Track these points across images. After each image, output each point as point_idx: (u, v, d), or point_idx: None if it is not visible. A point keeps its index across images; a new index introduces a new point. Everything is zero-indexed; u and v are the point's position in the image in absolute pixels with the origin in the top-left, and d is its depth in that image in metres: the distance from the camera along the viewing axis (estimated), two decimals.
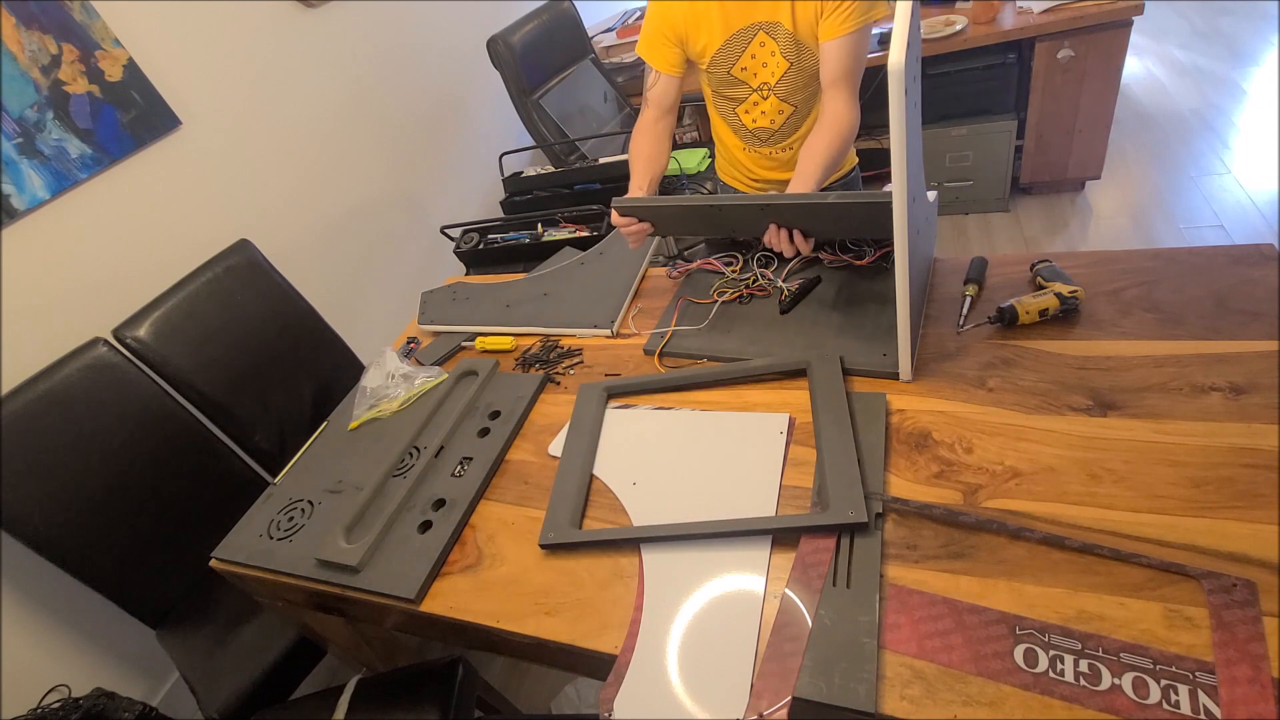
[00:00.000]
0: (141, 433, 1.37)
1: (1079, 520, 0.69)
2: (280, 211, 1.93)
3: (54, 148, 1.44)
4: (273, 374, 1.55)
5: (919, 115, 0.85)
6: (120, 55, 1.54)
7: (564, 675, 1.54)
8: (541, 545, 0.84)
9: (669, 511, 0.84)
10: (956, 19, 2.20)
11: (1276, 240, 2.01)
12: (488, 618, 0.80)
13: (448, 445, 1.04)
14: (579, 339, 1.21)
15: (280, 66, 1.91)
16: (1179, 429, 0.74)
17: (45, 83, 1.42)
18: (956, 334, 0.95)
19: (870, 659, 0.63)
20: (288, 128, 1.94)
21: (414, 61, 2.38)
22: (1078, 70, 2.09)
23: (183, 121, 1.67)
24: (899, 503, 0.75)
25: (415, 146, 2.40)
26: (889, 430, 0.85)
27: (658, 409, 0.99)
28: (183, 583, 1.42)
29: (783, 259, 1.12)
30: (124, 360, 1.37)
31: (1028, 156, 2.35)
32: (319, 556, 0.91)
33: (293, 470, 1.11)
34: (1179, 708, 0.54)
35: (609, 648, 0.73)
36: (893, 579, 0.69)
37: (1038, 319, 0.91)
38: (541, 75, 2.34)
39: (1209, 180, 2.31)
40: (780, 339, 1.02)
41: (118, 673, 1.59)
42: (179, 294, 1.46)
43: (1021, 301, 0.91)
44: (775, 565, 0.74)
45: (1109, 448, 0.75)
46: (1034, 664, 0.59)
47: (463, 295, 1.38)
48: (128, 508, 1.34)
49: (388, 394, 1.17)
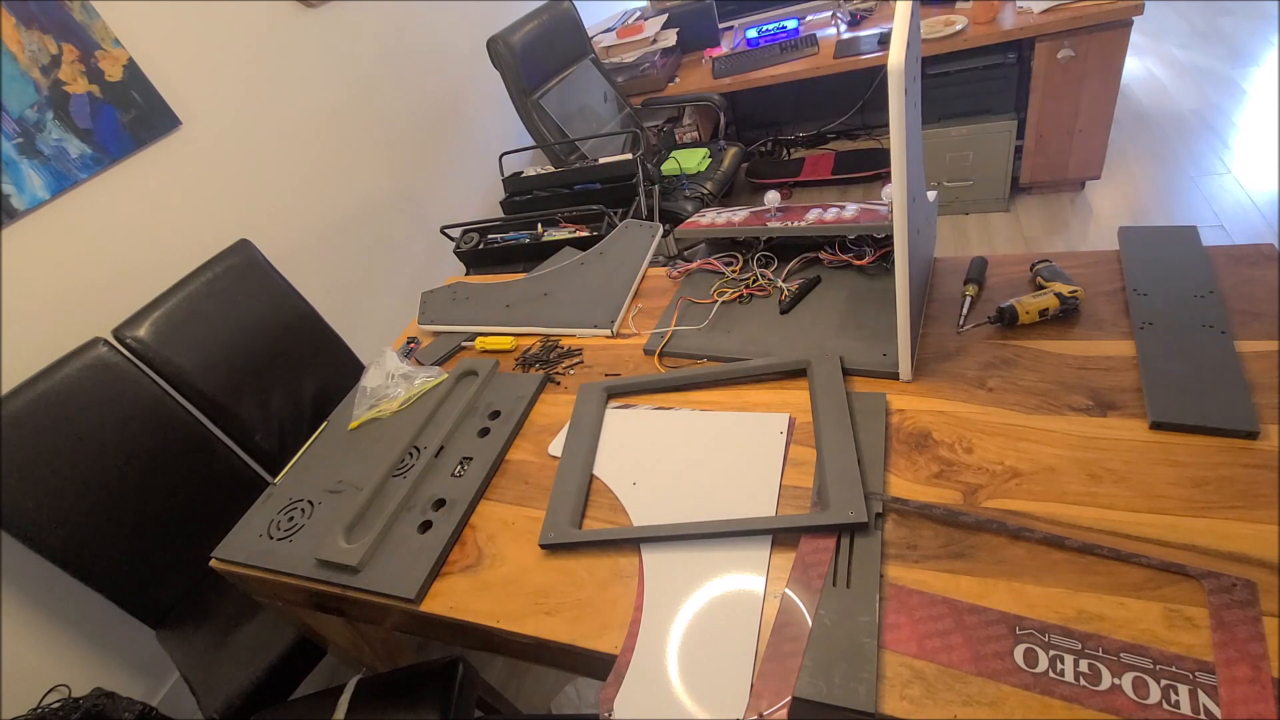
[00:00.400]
0: (141, 433, 1.37)
1: (1079, 520, 0.69)
2: (280, 211, 1.93)
3: (54, 148, 1.44)
4: (273, 374, 1.55)
5: (919, 115, 0.85)
6: (120, 55, 1.54)
7: (564, 675, 1.54)
8: (541, 545, 0.84)
9: (669, 511, 0.84)
10: (956, 19, 2.20)
11: (1276, 240, 2.01)
12: (488, 618, 0.80)
13: (448, 445, 1.04)
14: (579, 339, 1.21)
15: (280, 66, 1.91)
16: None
17: (45, 83, 1.42)
18: (957, 334, 0.95)
19: (870, 659, 0.63)
20: (288, 128, 1.94)
21: (414, 61, 2.38)
22: (1078, 70, 2.09)
23: (183, 121, 1.67)
24: (899, 503, 0.75)
25: (415, 146, 2.40)
26: (889, 430, 0.85)
27: (658, 409, 0.99)
28: (183, 583, 1.42)
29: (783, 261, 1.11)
30: (124, 360, 1.37)
31: (1028, 156, 2.35)
32: (319, 556, 0.91)
33: (293, 470, 1.11)
34: (1179, 708, 0.54)
35: (609, 648, 0.73)
36: (893, 579, 0.70)
37: (1038, 319, 0.91)
38: (541, 75, 2.34)
39: (1209, 180, 2.31)
40: (780, 339, 1.02)
41: (118, 673, 1.59)
42: (179, 294, 1.46)
43: (1021, 301, 0.91)
44: (775, 565, 0.75)
45: (1109, 448, 0.75)
46: (1034, 664, 0.59)
47: (463, 295, 1.38)
48: (128, 508, 1.34)
49: (388, 394, 1.17)
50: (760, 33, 2.76)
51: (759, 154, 3.18)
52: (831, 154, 2.97)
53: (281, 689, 1.29)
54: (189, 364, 1.43)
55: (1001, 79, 2.23)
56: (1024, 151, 2.34)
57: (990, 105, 2.29)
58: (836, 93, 2.94)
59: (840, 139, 3.08)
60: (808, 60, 2.49)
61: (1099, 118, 2.18)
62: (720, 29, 2.97)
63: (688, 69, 2.86)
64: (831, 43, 2.52)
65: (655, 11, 3.00)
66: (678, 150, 2.63)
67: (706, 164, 2.46)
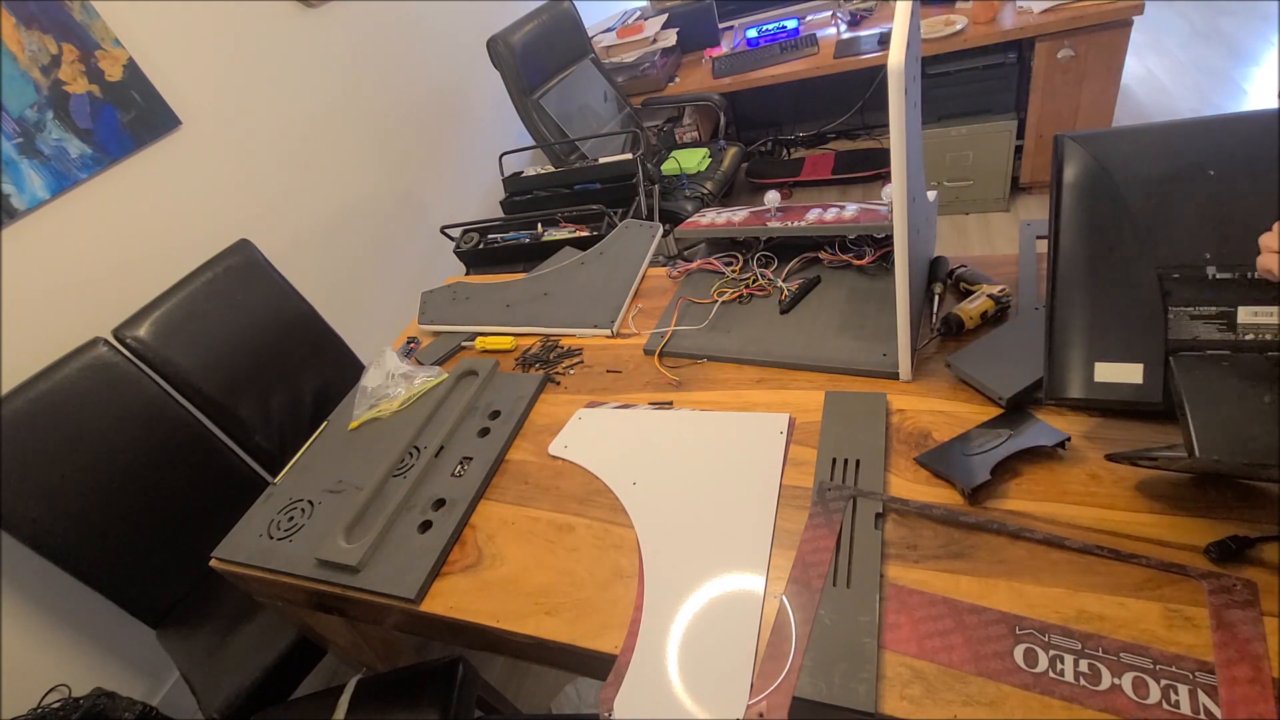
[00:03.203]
0: (141, 433, 1.37)
1: (1079, 520, 0.69)
2: (280, 211, 1.93)
3: (54, 148, 1.44)
4: (273, 374, 1.55)
5: (919, 115, 0.85)
6: (120, 55, 1.54)
7: (564, 675, 1.54)
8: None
9: (669, 511, 0.84)
10: (956, 19, 2.20)
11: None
12: (488, 618, 0.80)
13: (448, 445, 1.04)
14: (579, 339, 1.21)
15: (280, 66, 1.91)
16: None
17: (45, 83, 1.42)
18: (931, 337, 0.95)
19: (870, 659, 0.63)
20: (288, 127, 1.94)
21: (414, 61, 2.38)
22: (1078, 70, 2.09)
23: (183, 121, 1.67)
24: (899, 503, 0.75)
25: (415, 146, 2.40)
26: (889, 430, 0.85)
27: (658, 409, 1.00)
28: (183, 583, 1.42)
29: (783, 260, 1.11)
30: (124, 360, 1.38)
31: (1028, 156, 2.35)
32: (319, 556, 0.91)
33: (293, 470, 1.11)
34: (1179, 708, 0.54)
35: (609, 648, 0.73)
36: (893, 579, 0.70)
37: (980, 321, 0.93)
38: (541, 75, 2.34)
39: None
40: (780, 339, 1.02)
41: (118, 673, 1.59)
42: (179, 294, 1.46)
43: (962, 308, 0.93)
44: (775, 565, 0.75)
45: (1110, 447, 0.75)
46: (1034, 664, 0.59)
47: (463, 295, 1.38)
48: (128, 508, 1.34)
49: (388, 394, 1.17)
50: (760, 33, 2.76)
51: (759, 154, 3.18)
52: (831, 154, 2.97)
53: (281, 689, 1.29)
54: (189, 364, 1.43)
55: (1001, 79, 2.23)
56: (1024, 151, 2.34)
57: (990, 105, 2.29)
58: (836, 93, 2.94)
59: (840, 139, 3.08)
60: (808, 60, 2.49)
61: (1099, 118, 2.18)
62: (720, 29, 2.97)
63: (688, 69, 2.86)
64: (831, 42, 2.52)
65: (655, 11, 3.00)
66: (678, 150, 2.63)
67: (706, 164, 2.46)
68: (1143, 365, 0.65)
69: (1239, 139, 0.63)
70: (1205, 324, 0.62)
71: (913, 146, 0.74)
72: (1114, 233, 0.67)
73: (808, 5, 2.90)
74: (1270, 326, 0.59)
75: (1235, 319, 0.61)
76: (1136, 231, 0.66)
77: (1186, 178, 0.64)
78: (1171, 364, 0.63)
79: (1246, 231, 0.60)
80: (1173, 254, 0.65)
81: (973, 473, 0.74)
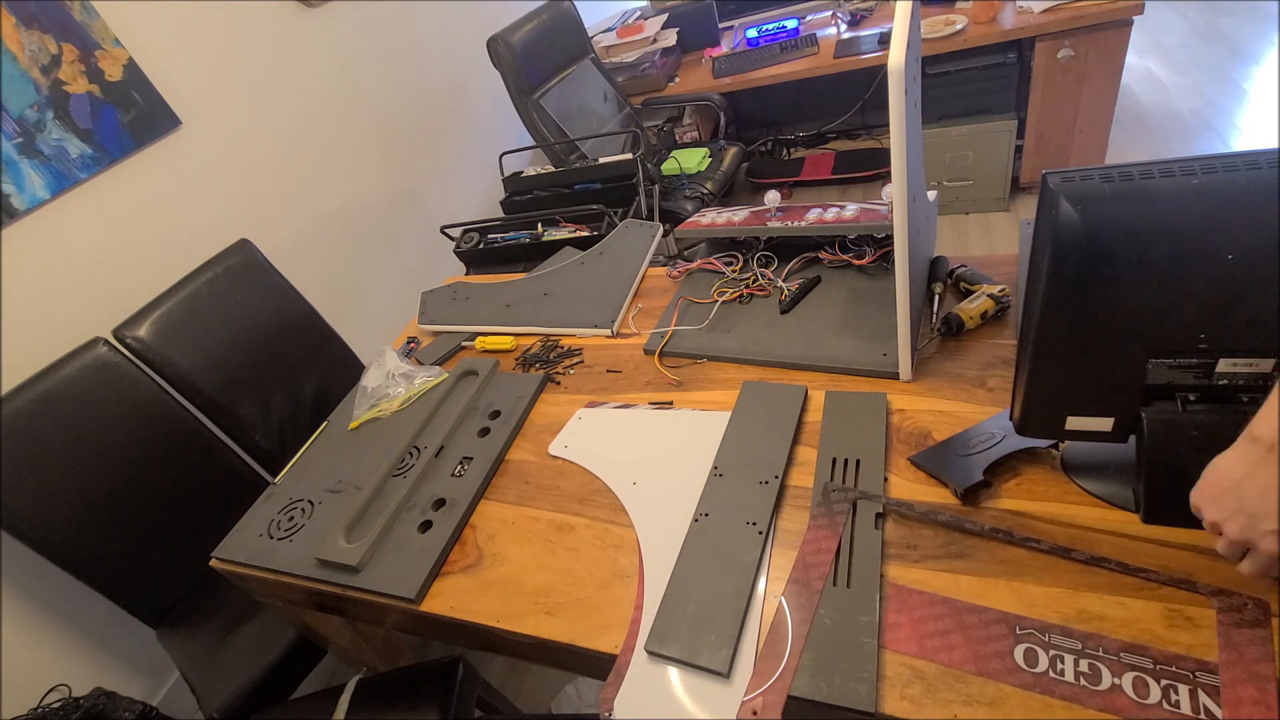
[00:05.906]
0: (141, 433, 1.37)
1: (1079, 520, 0.69)
2: (280, 211, 1.93)
3: (54, 147, 1.44)
4: (273, 374, 1.55)
5: (919, 115, 0.85)
6: (120, 55, 1.54)
7: (564, 675, 1.54)
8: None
9: (669, 511, 0.84)
10: (956, 19, 2.20)
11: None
12: (488, 617, 0.80)
13: (448, 445, 1.04)
14: (579, 339, 1.21)
15: (280, 66, 1.91)
16: None
17: (45, 83, 1.42)
18: (931, 337, 0.95)
19: (870, 659, 0.63)
20: (288, 128, 1.94)
21: (414, 61, 2.38)
22: (1078, 70, 2.09)
23: (183, 121, 1.67)
24: (903, 506, 0.75)
25: (415, 146, 2.40)
26: (889, 430, 0.85)
27: (658, 409, 1.00)
28: (183, 583, 1.41)
29: (783, 260, 1.11)
30: (124, 360, 1.37)
31: (1028, 156, 2.35)
32: (319, 556, 0.91)
33: (293, 470, 1.11)
34: (1179, 707, 0.54)
35: (609, 648, 0.73)
36: (893, 579, 0.70)
37: (980, 322, 0.93)
38: (541, 75, 2.33)
39: None
40: (780, 339, 1.02)
41: (118, 673, 1.59)
42: (179, 294, 1.46)
43: (962, 308, 0.93)
44: (775, 565, 0.75)
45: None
46: (1034, 664, 0.59)
47: (463, 295, 1.38)
48: (128, 508, 1.34)
49: (388, 394, 1.17)
50: (760, 32, 2.76)
51: (759, 154, 3.18)
52: (831, 154, 2.97)
53: (281, 689, 1.29)
54: (189, 364, 1.43)
55: (1001, 79, 2.23)
56: (1024, 151, 2.34)
57: (990, 105, 2.28)
58: (836, 93, 2.94)
59: (840, 139, 3.08)
60: (808, 60, 2.49)
61: (1099, 117, 2.18)
62: (720, 29, 2.97)
63: (688, 69, 2.86)
64: (831, 42, 2.52)
65: (655, 11, 3.00)
66: (678, 150, 2.63)
67: (706, 164, 2.46)
68: (1114, 419, 0.64)
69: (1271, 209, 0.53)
70: (1182, 372, 0.59)
71: (913, 146, 0.74)
72: (1103, 312, 0.59)
73: (808, 5, 2.90)
74: (1247, 375, 0.57)
75: (1214, 369, 0.58)
76: (1131, 314, 0.58)
77: (1200, 259, 0.54)
78: (1143, 421, 0.61)
79: (1252, 325, 0.54)
80: (1166, 342, 0.58)
81: (966, 473, 0.74)
